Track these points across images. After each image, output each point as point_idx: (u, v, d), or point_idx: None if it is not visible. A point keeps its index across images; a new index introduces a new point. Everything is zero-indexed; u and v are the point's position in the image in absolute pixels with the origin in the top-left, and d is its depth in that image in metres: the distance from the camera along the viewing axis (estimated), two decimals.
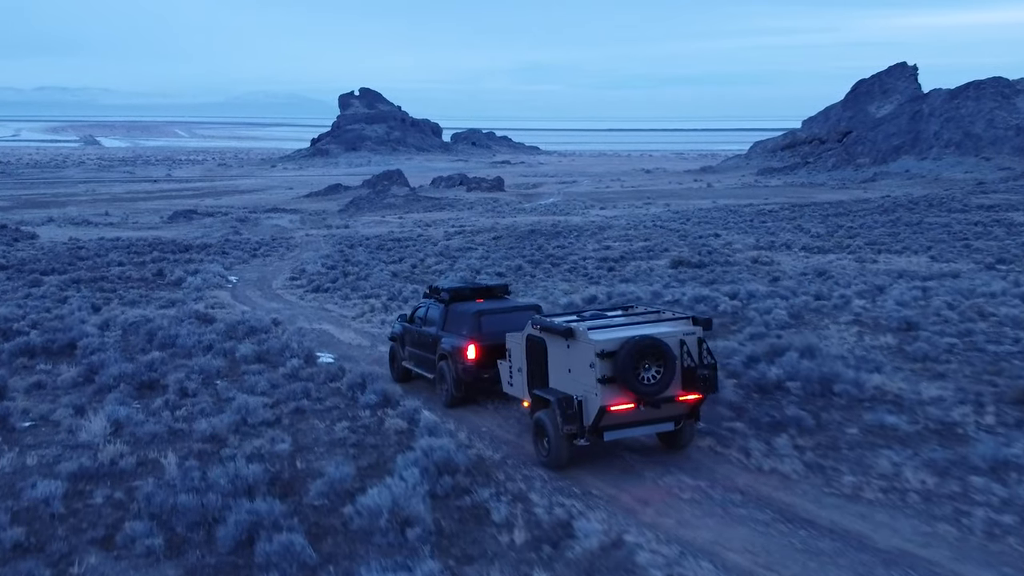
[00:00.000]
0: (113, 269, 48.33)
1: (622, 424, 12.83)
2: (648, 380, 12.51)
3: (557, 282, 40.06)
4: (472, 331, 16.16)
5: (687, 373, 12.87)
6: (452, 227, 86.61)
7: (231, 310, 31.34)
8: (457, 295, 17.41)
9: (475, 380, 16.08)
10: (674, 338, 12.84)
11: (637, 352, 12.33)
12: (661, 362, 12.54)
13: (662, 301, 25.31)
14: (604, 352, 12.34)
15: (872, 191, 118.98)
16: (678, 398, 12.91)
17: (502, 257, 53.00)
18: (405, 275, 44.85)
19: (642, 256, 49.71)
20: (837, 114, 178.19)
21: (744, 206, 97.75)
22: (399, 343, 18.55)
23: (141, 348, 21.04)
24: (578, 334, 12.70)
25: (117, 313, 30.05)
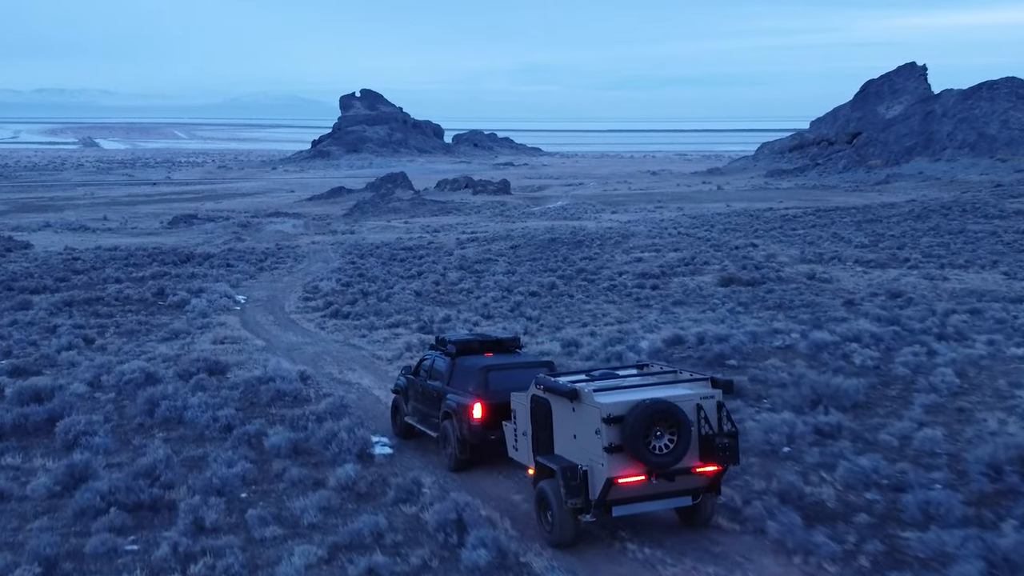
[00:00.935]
0: (110, 287, 43.89)
1: (632, 498, 11.42)
2: (660, 449, 11.14)
3: (602, 304, 35.75)
4: (479, 388, 14.70)
5: (704, 442, 11.42)
6: (463, 233, 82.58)
7: (244, 347, 26.89)
8: (464, 348, 15.92)
9: (482, 442, 14.50)
10: (690, 402, 11.42)
11: (648, 418, 11.01)
12: (675, 429, 11.17)
13: (767, 346, 20.86)
14: (611, 417, 11.02)
15: (888, 194, 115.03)
16: (695, 470, 11.46)
17: (529, 271, 48.66)
18: (430, 295, 40.48)
19: (682, 271, 45.38)
20: (846, 115, 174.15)
21: (764, 210, 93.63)
22: (402, 396, 17.01)
23: (140, 423, 16.59)
24: (583, 396, 11.40)
25: (112, 354, 25.68)
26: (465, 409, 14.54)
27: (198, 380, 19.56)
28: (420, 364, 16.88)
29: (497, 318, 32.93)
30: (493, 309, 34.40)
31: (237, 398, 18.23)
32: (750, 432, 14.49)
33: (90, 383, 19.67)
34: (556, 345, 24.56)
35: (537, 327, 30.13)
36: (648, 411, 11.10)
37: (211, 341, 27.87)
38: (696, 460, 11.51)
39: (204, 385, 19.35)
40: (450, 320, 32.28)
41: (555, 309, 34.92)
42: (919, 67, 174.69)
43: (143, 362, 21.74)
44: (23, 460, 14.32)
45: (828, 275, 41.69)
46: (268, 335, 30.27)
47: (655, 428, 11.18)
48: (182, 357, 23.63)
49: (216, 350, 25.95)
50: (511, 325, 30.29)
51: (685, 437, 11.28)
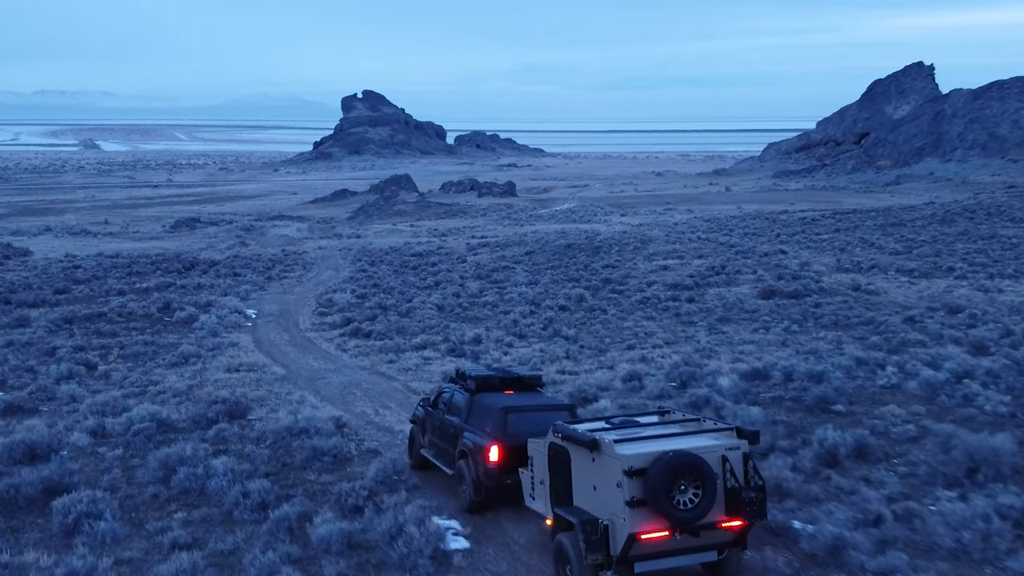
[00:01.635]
0: (112, 301, 41.24)
1: (655, 554, 10.65)
2: (684, 504, 10.46)
3: (640, 320, 33.14)
4: (497, 430, 13.84)
5: (731, 495, 10.73)
6: (472, 238, 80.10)
7: (263, 376, 24.23)
8: (484, 385, 15.04)
9: (497, 486, 13.67)
10: (715, 454, 10.73)
11: (671, 471, 10.36)
12: (699, 483, 10.51)
13: (868, 385, 18.21)
14: (633, 469, 10.37)
15: (899, 195, 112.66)
16: (720, 524, 10.74)
17: (551, 281, 46.06)
18: (452, 309, 37.86)
19: (715, 281, 42.78)
20: (853, 115, 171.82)
21: (778, 213, 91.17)
22: (420, 427, 16.25)
23: (153, 494, 13.84)
24: (603, 446, 10.75)
25: (117, 385, 23.05)
26: (482, 451, 13.74)
27: (219, 432, 16.82)
28: (439, 396, 16.02)
29: (531, 338, 30.34)
30: (524, 327, 31.80)
31: (267, 458, 15.47)
32: (929, 523, 11.63)
33: (93, 432, 17.00)
34: (610, 376, 21.96)
35: (577, 349, 27.53)
36: (672, 464, 10.44)
37: (225, 368, 25.22)
38: (722, 514, 10.81)
39: (226, 437, 16.59)
40: (480, 341, 29.67)
41: (591, 326, 32.32)
42: (926, 67, 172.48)
43: (153, 404, 19.07)
44: (12, 552, 11.53)
45: (872, 286, 39.10)
46: (286, 359, 27.62)
47: (679, 482, 10.51)
48: (195, 391, 21.02)
49: (232, 380, 23.31)
50: (549, 347, 27.76)
51: (710, 491, 10.60)
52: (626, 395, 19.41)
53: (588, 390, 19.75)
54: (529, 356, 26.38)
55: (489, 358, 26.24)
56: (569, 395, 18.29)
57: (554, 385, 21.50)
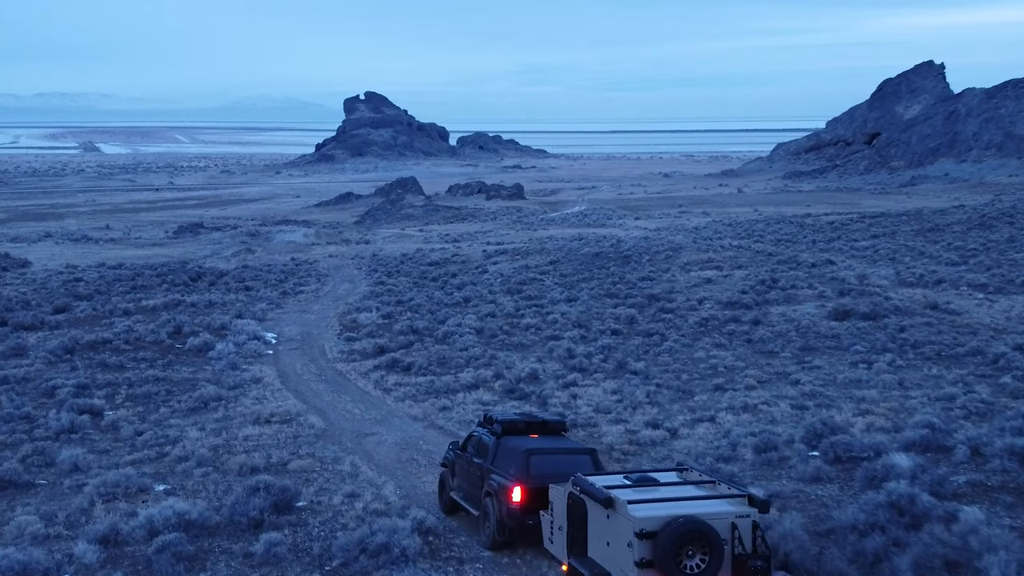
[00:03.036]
0: (118, 323, 37.37)
1: None
2: (691, 569, 10.45)
3: (711, 349, 29.23)
4: (520, 472, 14.05)
5: (737, 562, 10.63)
6: (487, 243, 76.41)
7: (300, 432, 20.30)
8: (510, 429, 15.27)
9: (519, 526, 13.71)
10: (725, 520, 10.66)
11: (681, 537, 10.36)
12: (707, 549, 10.46)
13: None
14: (644, 532, 10.37)
15: (917, 197, 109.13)
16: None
17: (591, 298, 42.22)
18: (493, 334, 33.96)
19: (772, 297, 38.93)
20: (863, 115, 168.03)
21: (802, 216, 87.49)
22: (450, 471, 16.30)
23: None
24: (618, 505, 10.77)
25: (128, 447, 19.20)
26: (505, 491, 13.94)
27: (268, 545, 12.64)
28: (468, 439, 16.14)
29: (595, 372, 26.48)
30: (583, 360, 27.91)
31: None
32: None
33: (104, 539, 13.05)
34: (715, 433, 18.20)
35: (655, 390, 23.68)
36: (682, 530, 10.58)
37: (253, 419, 21.32)
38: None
39: (279, 555, 12.42)
40: (538, 378, 25.84)
41: (656, 357, 28.46)
42: (937, 66, 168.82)
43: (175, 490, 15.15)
44: None
45: (952, 305, 35.33)
46: (320, 402, 23.75)
47: (688, 547, 10.64)
48: (224, 458, 17.20)
49: (264, 438, 19.46)
50: (621, 387, 23.96)
51: (718, 557, 10.69)
52: (765, 472, 15.52)
53: (706, 459, 15.93)
54: (602, 400, 22.59)
55: (557, 403, 22.45)
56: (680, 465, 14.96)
57: (656, 448, 17.77)
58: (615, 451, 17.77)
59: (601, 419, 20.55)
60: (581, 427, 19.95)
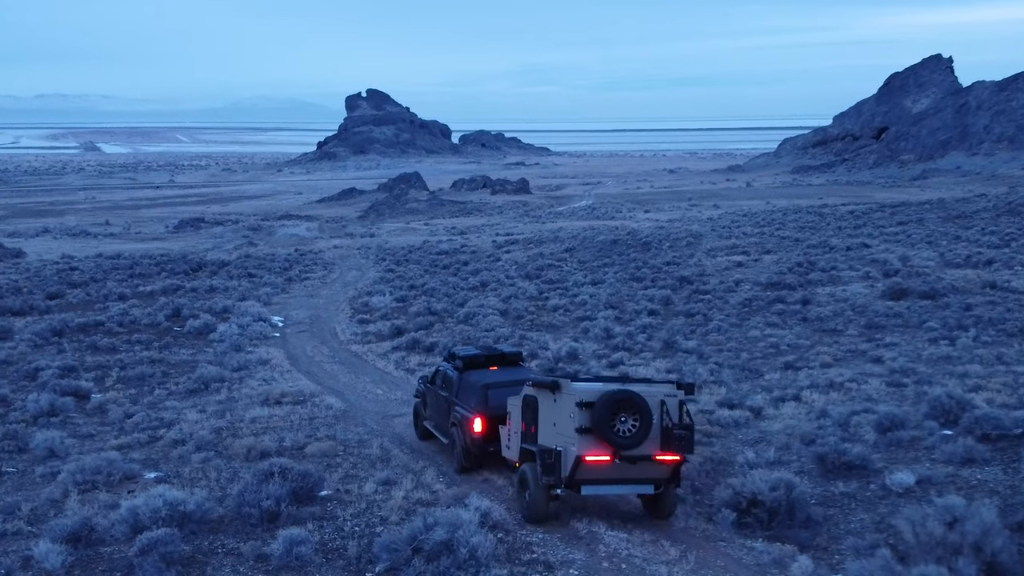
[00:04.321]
0: (112, 307, 34.45)
1: (599, 480, 11.92)
2: (624, 432, 11.68)
3: (764, 328, 26.32)
4: (480, 404, 14.81)
5: (665, 433, 11.85)
6: (496, 235, 73.58)
7: (316, 413, 17.33)
8: (471, 363, 16.06)
9: (481, 452, 14.62)
10: (654, 397, 11.94)
11: (614, 403, 11.68)
12: (637, 416, 11.73)
13: None
14: (583, 402, 11.72)
15: (929, 190, 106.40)
16: (655, 457, 11.82)
17: (618, 280, 39.33)
18: (519, 315, 31.05)
19: (815, 279, 36.05)
20: (870, 109, 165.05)
21: (819, 207, 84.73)
22: (422, 402, 17.05)
23: None
24: (563, 386, 12.12)
25: (114, 431, 16.29)
26: (468, 422, 14.71)
27: (288, 542, 9.66)
28: (436, 374, 16.90)
29: (643, 352, 23.57)
30: (625, 339, 25.01)
31: None
32: None
33: (74, 538, 9.97)
34: (806, 413, 15.29)
35: (715, 367, 20.75)
36: (614, 397, 11.66)
37: (262, 399, 18.37)
38: (657, 449, 11.78)
39: (302, 556, 9.39)
40: (578, 356, 22.92)
41: (709, 337, 25.53)
42: (945, 59, 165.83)
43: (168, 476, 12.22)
44: None
45: (1009, 283, 32.44)
46: (337, 384, 20.81)
47: (620, 413, 11.66)
48: (228, 441, 14.30)
49: (276, 420, 16.52)
50: (679, 367, 21.03)
51: (647, 423, 11.68)
52: (897, 454, 12.57)
53: (827, 440, 13.01)
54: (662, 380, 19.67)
55: None
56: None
57: (742, 429, 14.88)
58: (696, 433, 14.90)
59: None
60: None
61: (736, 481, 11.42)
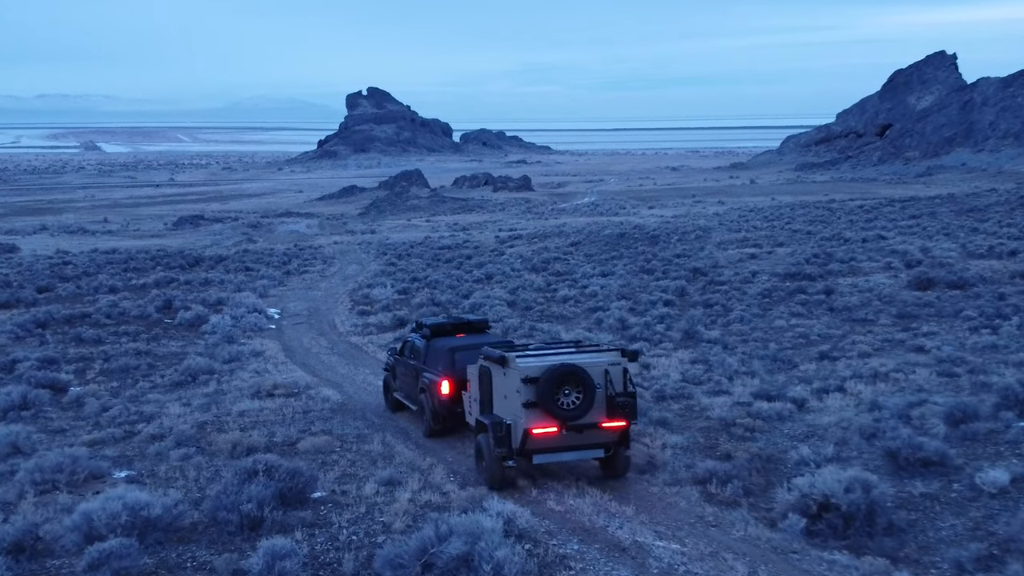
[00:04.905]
0: (101, 299, 32.86)
1: (549, 448, 12.30)
2: (568, 405, 12.08)
3: (789, 318, 24.72)
4: (447, 367, 15.13)
5: (610, 401, 12.29)
6: (500, 231, 71.92)
7: (311, 405, 15.71)
8: (438, 331, 16.42)
9: (449, 414, 14.88)
10: (598, 368, 12.36)
11: (557, 378, 12.05)
12: (581, 388, 12.13)
13: None
14: (528, 378, 12.08)
15: (936, 186, 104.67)
16: (601, 425, 12.26)
17: (628, 273, 37.71)
18: (527, 306, 29.46)
19: (835, 269, 34.44)
20: (874, 106, 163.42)
21: (826, 202, 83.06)
22: (392, 374, 17.32)
23: None
24: (509, 361, 12.39)
25: (88, 425, 14.66)
26: (435, 385, 14.94)
27: (269, 556, 7.87)
28: (404, 345, 17.08)
29: (663, 343, 21.93)
30: (641, 330, 23.39)
31: None
32: None
33: (14, 549, 8.27)
34: (854, 405, 13.65)
35: (745, 357, 19.14)
36: (557, 372, 12.00)
37: (252, 392, 16.75)
38: (603, 416, 12.17)
39: (286, 573, 7.70)
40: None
41: (731, 327, 23.90)
42: (949, 56, 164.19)
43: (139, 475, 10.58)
44: None
45: None
46: (334, 375, 19.21)
47: (564, 387, 12.01)
48: (212, 439, 12.68)
49: (267, 413, 14.90)
50: (704, 357, 19.42)
51: (590, 395, 12.04)
52: (974, 449, 10.91)
53: (896, 444, 11.34)
54: (687, 370, 18.04)
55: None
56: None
57: (787, 423, 13.27)
58: (736, 427, 13.32)
59: (695, 390, 16.03)
60: (673, 399, 15.50)
61: (803, 482, 9.66)
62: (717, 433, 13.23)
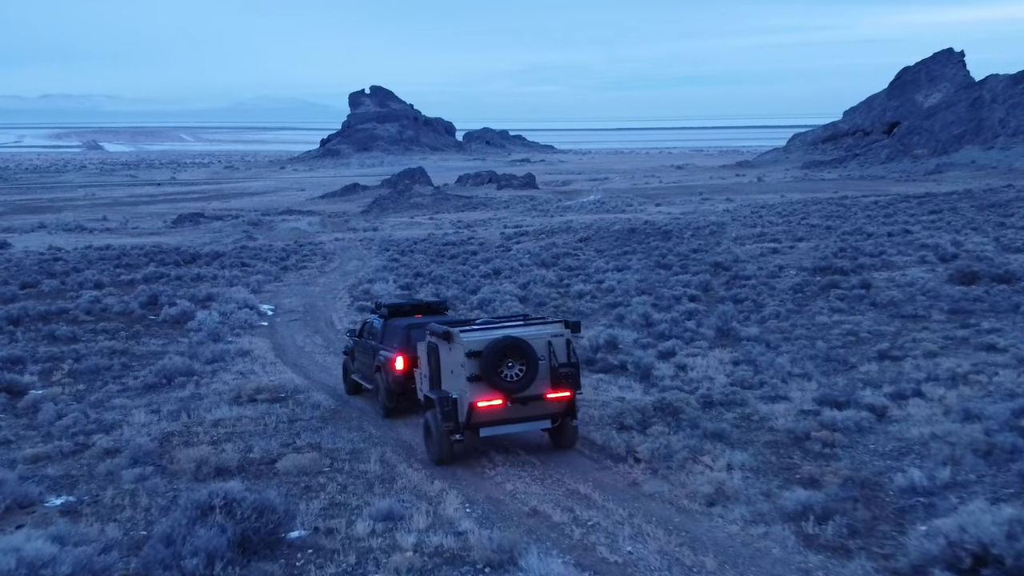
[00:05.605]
0: (85, 295, 30.57)
1: (495, 421, 12.29)
2: (511, 377, 12.08)
3: (831, 314, 22.41)
4: (402, 343, 15.11)
5: (554, 372, 12.29)
6: (505, 227, 69.61)
7: (298, 409, 13.45)
8: (396, 311, 16.61)
9: (404, 391, 14.91)
10: (540, 340, 12.31)
11: (499, 351, 12.03)
12: (524, 360, 12.09)
13: None
14: (472, 352, 12.06)
15: (946, 184, 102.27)
16: (546, 396, 12.31)
17: (644, 268, 35.39)
18: (540, 302, 27.17)
19: (867, 263, 32.11)
20: (881, 104, 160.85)
21: (840, 199, 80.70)
22: (350, 357, 17.30)
23: None
24: (454, 336, 12.35)
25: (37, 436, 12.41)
26: (390, 362, 14.86)
27: None
28: (363, 326, 16.98)
29: (696, 341, 19.61)
30: (670, 327, 21.06)
31: None
32: None
33: None
34: (941, 413, 11.38)
35: (794, 355, 16.82)
36: (499, 345, 12.00)
37: (232, 398, 14.45)
38: (548, 387, 12.23)
39: None
40: (616, 345, 18.96)
41: (767, 323, 21.56)
42: (956, 53, 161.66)
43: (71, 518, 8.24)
44: None
45: None
46: (329, 379, 16.94)
47: (507, 360, 12.01)
48: (175, 455, 10.40)
49: (244, 422, 12.61)
50: (747, 357, 17.11)
51: (533, 367, 12.04)
52: None
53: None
54: (732, 372, 15.76)
55: (664, 375, 15.67)
56: None
57: (868, 435, 10.94)
58: (810, 441, 11.00)
59: (748, 395, 13.72)
60: (724, 405, 13.20)
61: (947, 524, 7.27)
62: (788, 449, 10.95)
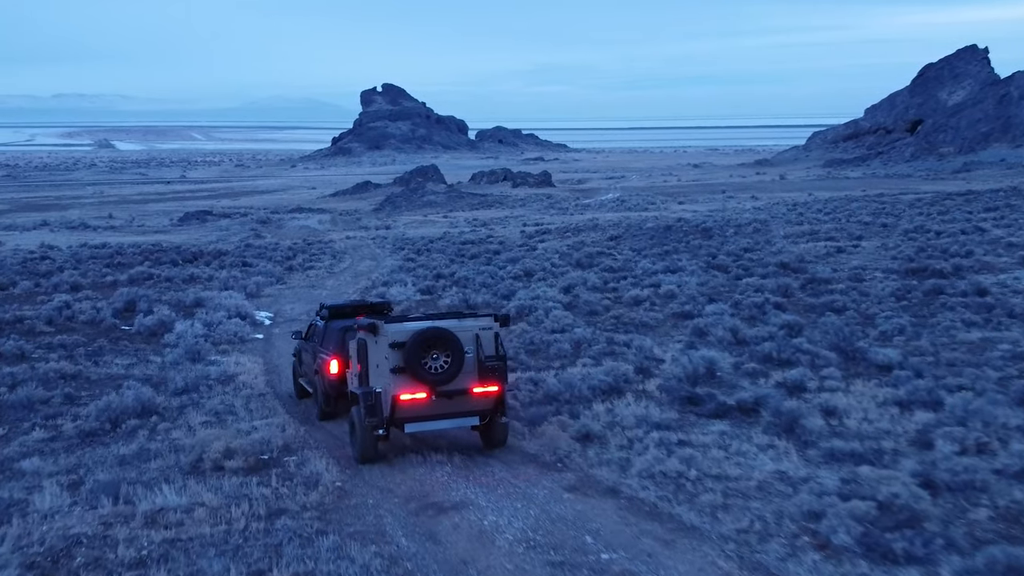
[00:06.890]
0: (56, 299, 25.83)
1: (421, 416, 11.84)
2: (436, 369, 11.65)
3: (987, 332, 17.54)
4: (337, 347, 14.47)
5: (481, 366, 11.87)
6: (525, 225, 64.83)
7: (287, 489, 8.71)
8: (337, 313, 15.98)
9: (339, 394, 14.25)
10: (467, 332, 11.90)
11: (423, 341, 11.61)
12: (449, 352, 11.68)
13: None
14: (395, 343, 11.69)
15: (976, 182, 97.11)
16: (472, 390, 11.84)
17: (700, 268, 30.52)
18: (592, 312, 22.35)
19: (961, 265, 27.23)
20: (904, 101, 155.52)
21: (875, 196, 75.79)
22: (298, 360, 16.72)
23: None
24: (379, 328, 11.95)
25: None
26: (326, 365, 14.44)
27: None
28: (309, 329, 16.58)
29: (824, 367, 14.78)
30: (776, 345, 16.20)
31: None
32: None
33: None
34: None
35: (962, 390, 12.03)
36: (423, 335, 11.55)
37: (191, 464, 9.62)
38: (474, 382, 11.80)
39: None
40: (715, 373, 14.18)
41: (908, 344, 16.66)
42: (981, 50, 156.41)
43: None
44: None
45: None
46: (337, 426, 12.21)
47: (431, 351, 11.58)
48: None
49: (191, 527, 7.80)
50: (902, 396, 12.36)
51: (458, 359, 11.63)
52: None
53: None
54: (914, 426, 10.94)
55: (816, 425, 10.85)
56: None
57: None
58: None
59: (980, 467, 8.84)
60: (950, 491, 8.39)
61: None
62: None
